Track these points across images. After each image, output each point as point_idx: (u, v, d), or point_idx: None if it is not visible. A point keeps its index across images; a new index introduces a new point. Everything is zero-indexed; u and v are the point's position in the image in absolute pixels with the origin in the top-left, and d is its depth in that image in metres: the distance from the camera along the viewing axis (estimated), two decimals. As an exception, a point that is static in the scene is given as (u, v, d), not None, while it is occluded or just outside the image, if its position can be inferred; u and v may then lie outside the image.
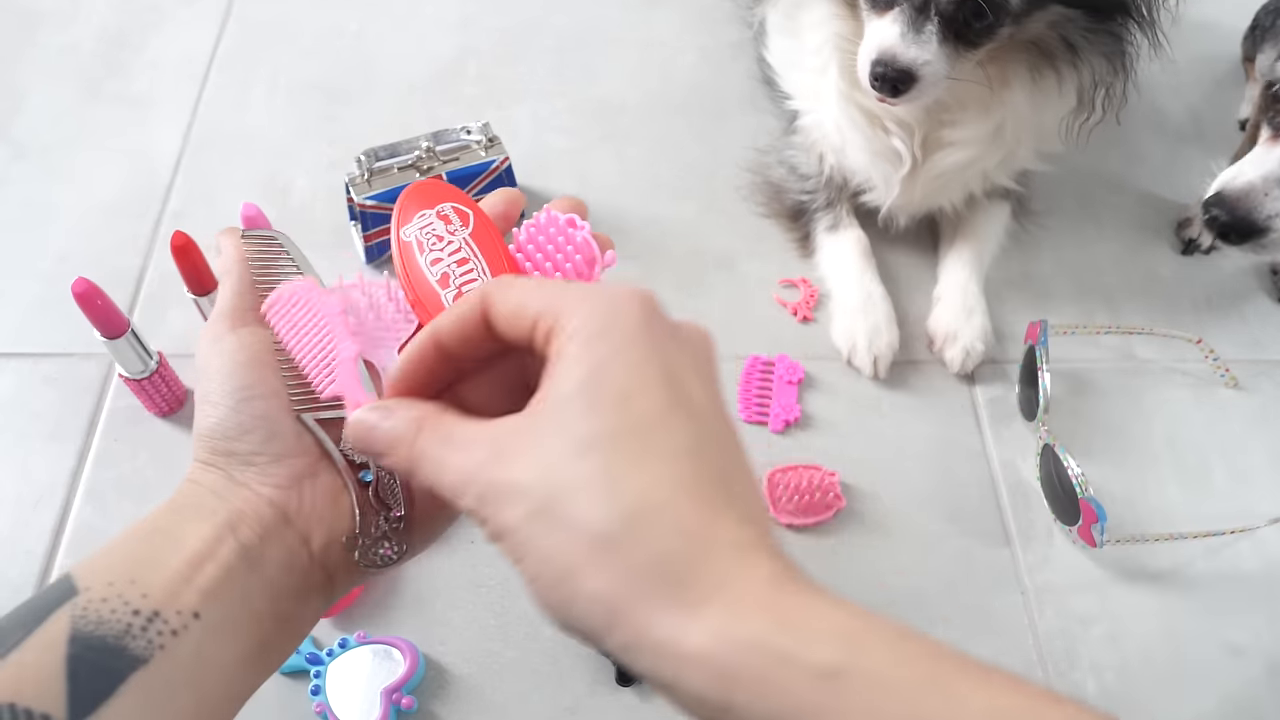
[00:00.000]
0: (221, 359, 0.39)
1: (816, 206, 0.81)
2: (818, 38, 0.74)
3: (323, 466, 0.39)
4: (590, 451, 0.27)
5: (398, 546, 0.39)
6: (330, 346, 0.41)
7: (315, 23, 0.98)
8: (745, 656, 0.25)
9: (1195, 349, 0.76)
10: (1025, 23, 0.64)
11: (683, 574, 0.26)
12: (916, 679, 0.25)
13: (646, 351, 0.29)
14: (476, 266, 0.44)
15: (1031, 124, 0.72)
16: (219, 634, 0.34)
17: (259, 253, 0.43)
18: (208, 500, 0.36)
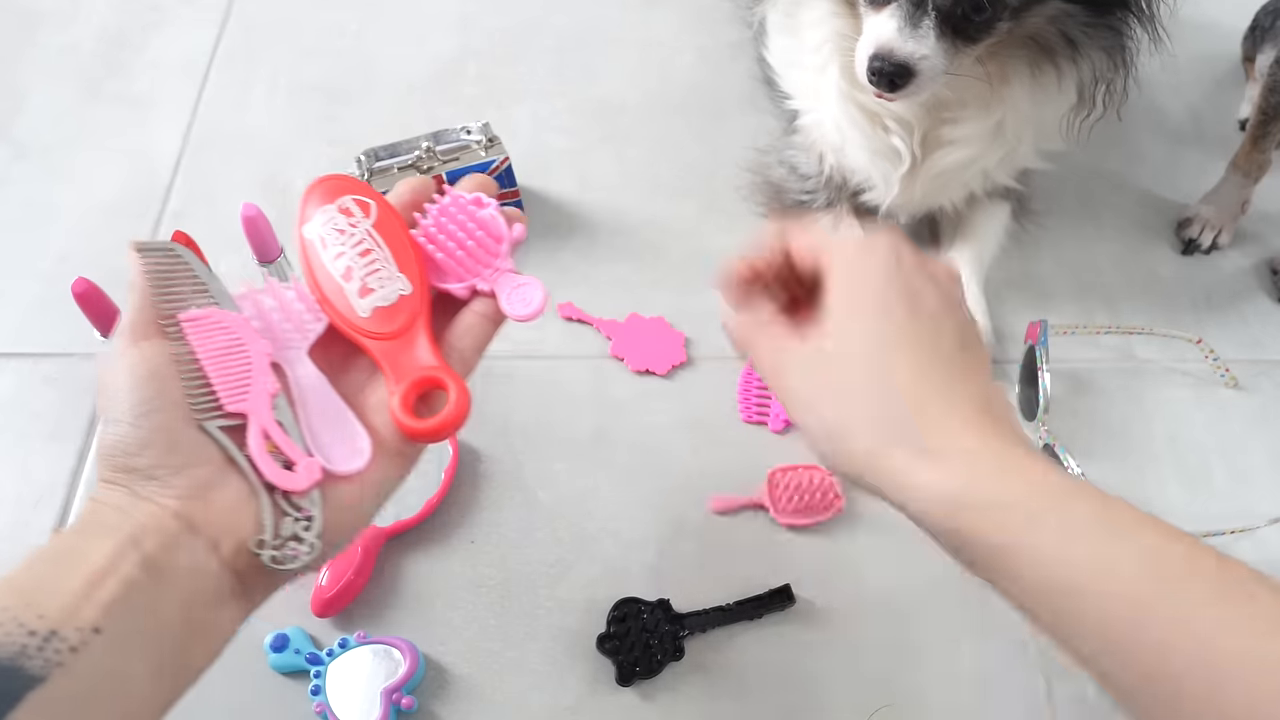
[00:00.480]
0: (122, 374, 0.39)
1: (817, 206, 0.81)
2: (817, 36, 0.74)
3: (229, 473, 0.39)
4: (851, 364, 0.41)
5: (309, 547, 0.39)
6: (241, 360, 0.41)
7: (315, 23, 0.98)
8: (981, 482, 0.37)
9: (1195, 349, 0.76)
10: (1024, 18, 0.64)
11: (930, 436, 0.38)
12: (1104, 522, 0.35)
13: (889, 278, 0.41)
14: (380, 256, 0.44)
15: (1032, 121, 0.72)
16: (124, 647, 0.34)
17: (157, 266, 0.43)
18: (110, 517, 0.37)
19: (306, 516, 0.39)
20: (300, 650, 0.60)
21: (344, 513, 0.41)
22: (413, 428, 0.41)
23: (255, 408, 0.40)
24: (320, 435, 0.42)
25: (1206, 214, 0.83)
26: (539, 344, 0.76)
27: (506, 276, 0.46)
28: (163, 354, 0.40)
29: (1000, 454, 0.37)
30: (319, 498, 0.40)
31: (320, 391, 0.43)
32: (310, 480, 0.40)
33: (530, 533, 0.67)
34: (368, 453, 0.42)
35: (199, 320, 0.42)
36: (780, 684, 0.61)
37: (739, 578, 0.64)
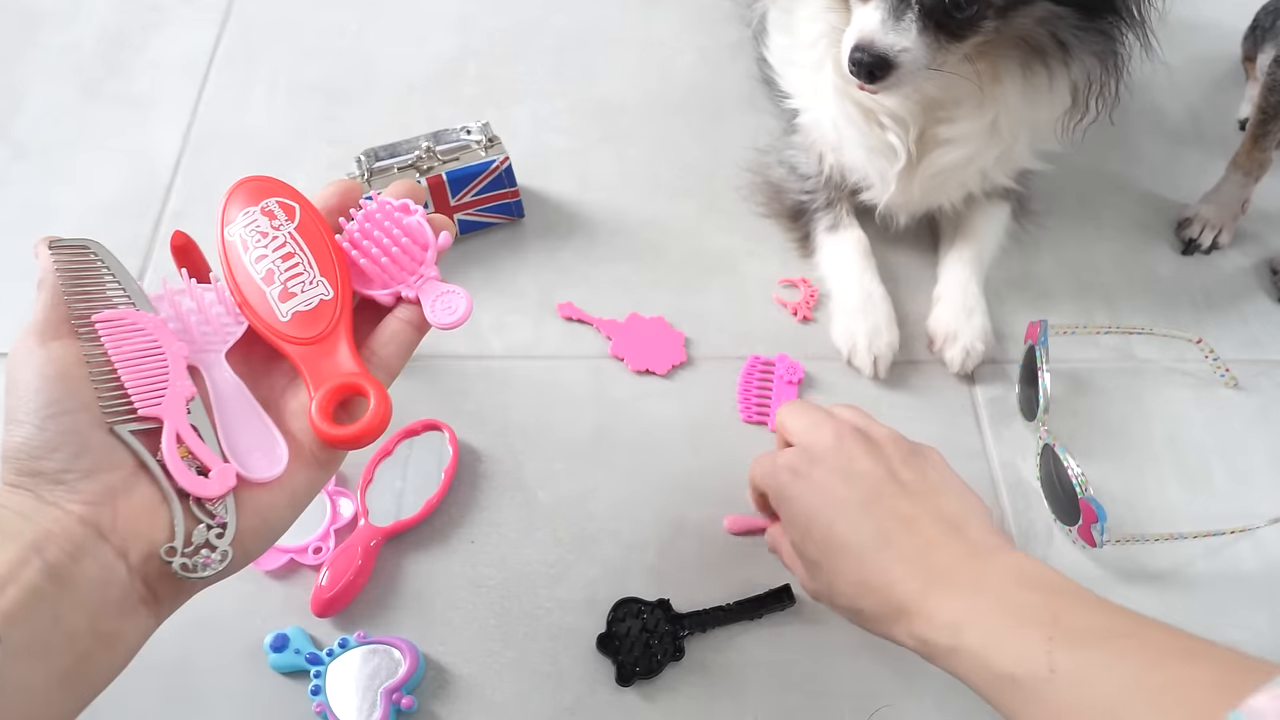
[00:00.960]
0: (29, 374, 0.38)
1: (816, 206, 0.81)
2: (812, 31, 0.74)
3: (140, 479, 0.38)
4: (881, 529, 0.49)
5: (221, 554, 0.38)
6: (156, 362, 0.40)
7: (315, 23, 0.98)
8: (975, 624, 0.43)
9: (1195, 349, 0.76)
10: (1011, 18, 0.64)
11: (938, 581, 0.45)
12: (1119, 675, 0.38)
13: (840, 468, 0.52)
14: (302, 260, 0.44)
15: (1026, 121, 0.72)
16: (24, 657, 0.33)
17: (70, 263, 0.42)
18: (12, 523, 0.35)
19: (220, 524, 0.39)
20: (300, 650, 0.60)
21: (259, 520, 0.40)
22: (331, 434, 0.41)
23: (170, 412, 0.40)
24: (236, 441, 0.41)
25: (1206, 214, 0.83)
26: (539, 344, 0.76)
27: (431, 284, 0.45)
28: (73, 354, 0.39)
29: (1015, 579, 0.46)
30: (233, 505, 0.39)
31: (238, 396, 0.42)
32: (224, 487, 0.39)
33: (530, 533, 0.67)
34: (284, 460, 0.41)
35: (113, 321, 0.41)
36: (780, 684, 0.61)
37: (739, 578, 0.64)
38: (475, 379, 0.74)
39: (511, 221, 0.83)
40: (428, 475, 0.68)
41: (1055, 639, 0.39)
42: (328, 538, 0.65)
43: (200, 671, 0.61)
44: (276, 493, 0.41)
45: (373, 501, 0.66)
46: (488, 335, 0.76)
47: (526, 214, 0.83)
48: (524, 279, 0.80)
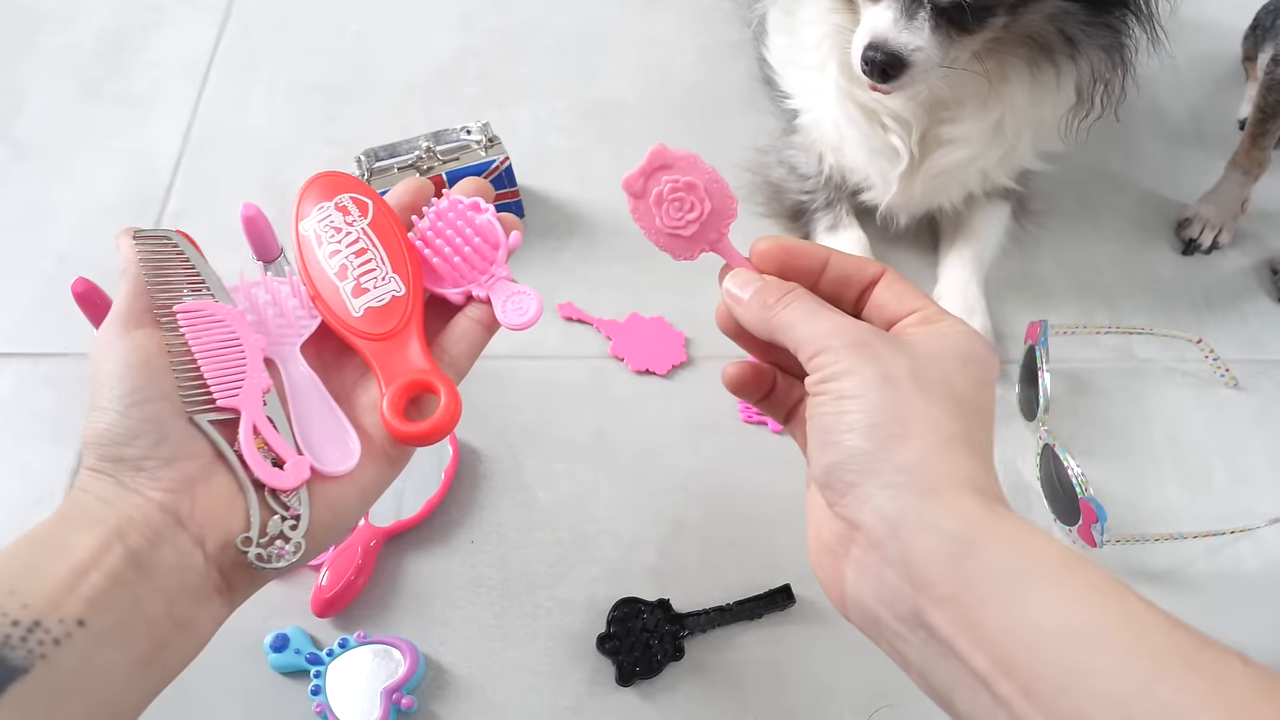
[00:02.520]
0: (113, 362, 0.39)
1: (816, 206, 0.81)
2: (815, 33, 0.74)
3: (217, 468, 0.39)
4: (953, 388, 0.35)
5: (295, 546, 0.39)
6: (234, 354, 0.41)
7: (315, 23, 0.98)
8: (1002, 522, 0.32)
9: (1195, 349, 0.76)
10: (1021, 14, 0.64)
11: (978, 477, 0.33)
12: (1100, 585, 0.30)
13: (991, 379, 0.37)
14: (375, 256, 0.44)
15: (1031, 120, 0.72)
16: (107, 641, 0.34)
17: (152, 253, 0.42)
18: (95, 508, 0.36)
19: (294, 516, 0.39)
20: (300, 650, 0.60)
21: (330, 513, 0.40)
22: (402, 431, 0.41)
23: (247, 403, 0.40)
24: (310, 434, 0.41)
25: (1206, 214, 0.83)
26: (539, 344, 0.76)
27: (502, 284, 0.45)
28: (155, 343, 0.40)
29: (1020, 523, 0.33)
30: (306, 497, 0.40)
31: (312, 390, 0.43)
32: (299, 479, 0.40)
33: (530, 533, 0.67)
34: (357, 454, 0.41)
35: (194, 312, 0.41)
36: (780, 684, 0.61)
37: (739, 578, 0.64)
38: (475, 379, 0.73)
39: (511, 221, 0.83)
40: (428, 475, 0.68)
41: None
42: (328, 538, 0.65)
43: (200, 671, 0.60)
44: (347, 486, 0.41)
45: (373, 501, 0.66)
46: (488, 335, 0.76)
47: (526, 214, 0.83)
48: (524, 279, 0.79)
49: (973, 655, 0.30)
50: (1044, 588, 0.30)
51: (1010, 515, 0.32)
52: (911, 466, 0.33)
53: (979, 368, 0.37)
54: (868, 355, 0.35)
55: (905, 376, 0.35)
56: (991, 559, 0.31)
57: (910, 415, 0.34)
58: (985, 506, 0.32)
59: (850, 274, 0.41)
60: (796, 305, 0.39)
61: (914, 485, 0.33)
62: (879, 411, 0.34)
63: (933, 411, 0.34)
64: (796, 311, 0.38)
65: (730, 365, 0.44)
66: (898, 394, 0.34)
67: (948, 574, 0.31)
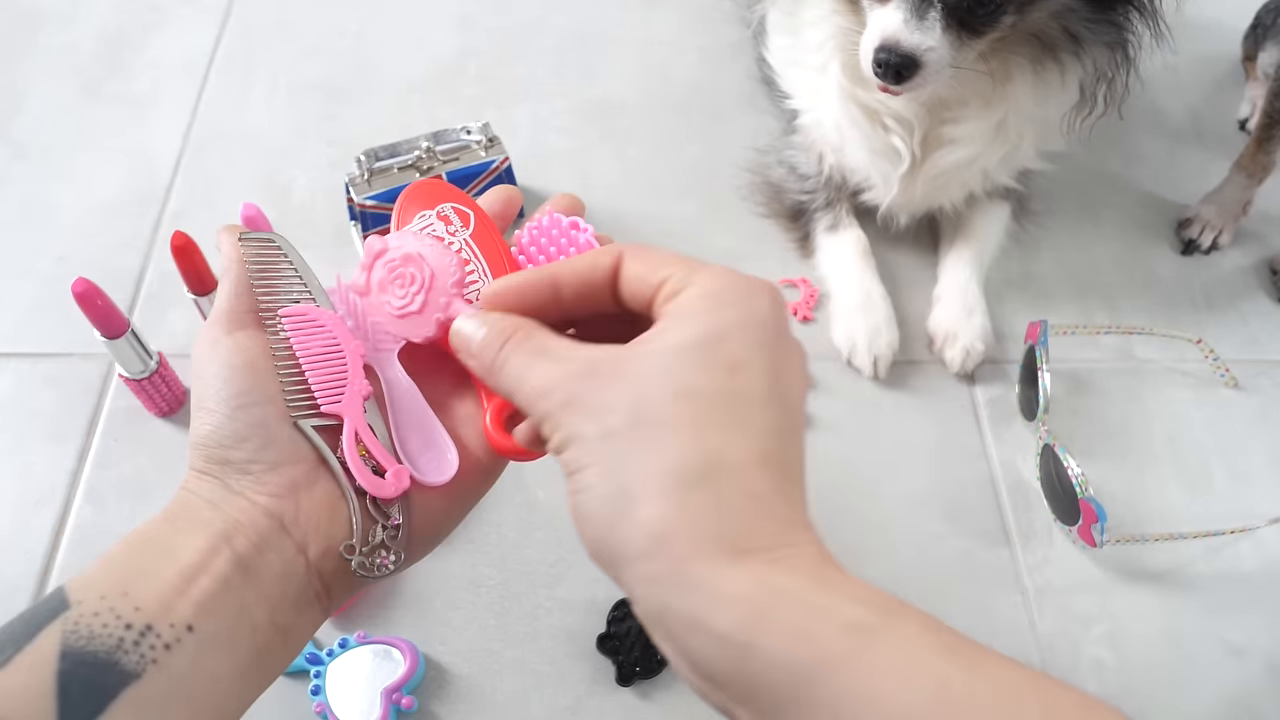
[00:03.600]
0: (218, 364, 0.38)
1: (816, 206, 0.81)
2: (818, 35, 0.74)
3: (320, 474, 0.38)
4: (690, 398, 0.29)
5: (395, 555, 0.38)
6: (336, 359, 0.41)
7: (315, 23, 0.98)
8: (780, 601, 0.26)
9: (1195, 349, 0.76)
10: (1028, 11, 0.64)
11: (738, 528, 0.28)
12: (940, 646, 0.26)
13: (764, 336, 0.31)
14: (478, 268, 0.44)
15: (1034, 119, 0.72)
16: (214, 647, 0.34)
17: (257, 255, 0.42)
18: (203, 510, 0.36)
19: (395, 525, 0.39)
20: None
21: (425, 524, 0.40)
22: (505, 445, 0.40)
23: (349, 409, 0.40)
24: (408, 442, 0.41)
25: (1207, 214, 0.83)
26: (539, 344, 0.76)
27: None
28: (259, 345, 0.39)
29: (816, 560, 0.28)
30: (404, 507, 0.39)
31: (410, 398, 0.42)
32: (399, 488, 0.39)
33: (530, 533, 0.67)
34: (455, 464, 0.40)
35: (298, 316, 0.41)
36: (780, 684, 0.61)
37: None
38: (475, 379, 0.74)
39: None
40: (428, 475, 0.68)
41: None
42: (328, 538, 0.65)
43: (200, 671, 0.61)
44: (444, 497, 0.40)
45: (373, 501, 0.66)
46: (488, 335, 0.76)
47: (526, 214, 0.83)
48: (524, 279, 0.80)
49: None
50: (835, 686, 0.25)
51: (786, 579, 0.27)
52: (651, 547, 0.27)
53: (735, 341, 0.30)
54: (580, 412, 0.30)
55: (624, 421, 0.29)
56: (771, 658, 0.26)
57: (634, 472, 0.28)
58: (753, 581, 0.27)
59: (587, 276, 0.35)
60: (519, 351, 0.33)
61: (665, 575, 0.27)
62: (605, 481, 0.29)
63: (659, 455, 0.28)
64: (520, 359, 0.33)
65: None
66: (618, 449, 0.29)
67: (733, 679, 0.27)
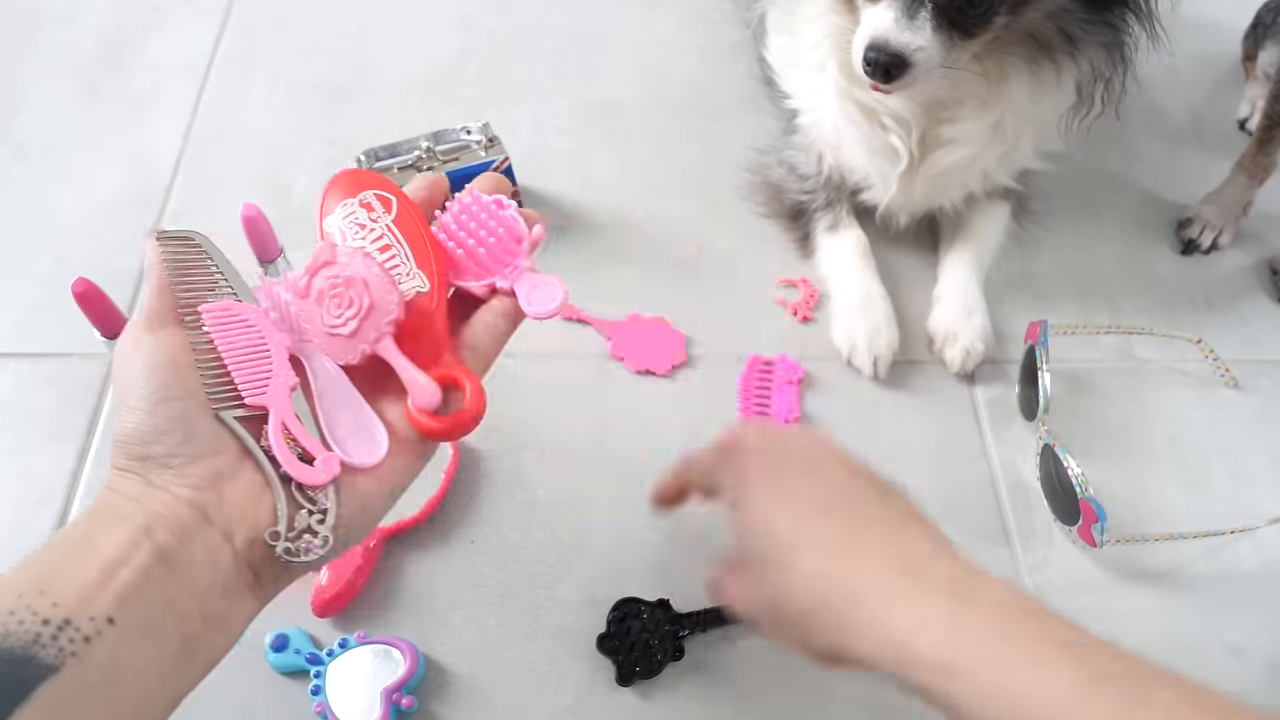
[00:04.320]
0: (139, 363, 0.39)
1: (816, 206, 0.81)
2: (815, 33, 0.74)
3: (244, 465, 0.39)
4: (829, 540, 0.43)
5: (323, 540, 0.39)
6: (260, 352, 0.41)
7: (315, 23, 0.98)
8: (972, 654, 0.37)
9: (1195, 349, 0.76)
10: (1021, 12, 0.64)
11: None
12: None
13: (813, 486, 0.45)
14: (399, 252, 0.44)
15: (1031, 119, 0.72)
16: (137, 638, 0.34)
17: (175, 254, 0.43)
18: (124, 506, 0.36)
19: (321, 510, 0.39)
20: (300, 650, 0.60)
21: (357, 506, 0.41)
22: (428, 425, 0.42)
23: (275, 400, 0.41)
24: (336, 428, 0.42)
25: (1208, 214, 0.83)
26: (539, 344, 0.76)
27: (526, 275, 0.45)
28: (180, 342, 0.40)
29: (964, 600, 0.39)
30: (333, 492, 0.40)
31: (337, 385, 0.43)
32: (329, 474, 0.40)
33: (530, 533, 0.67)
34: (385, 445, 0.42)
35: (218, 311, 0.42)
36: (780, 684, 0.61)
37: (739, 578, 0.64)
38: (475, 379, 0.74)
39: (511, 221, 0.83)
40: (428, 475, 0.67)
41: (1077, 664, 0.37)
42: (328, 538, 0.65)
43: (200, 671, 0.61)
44: (374, 479, 0.42)
45: (373, 501, 0.66)
46: (488, 335, 0.76)
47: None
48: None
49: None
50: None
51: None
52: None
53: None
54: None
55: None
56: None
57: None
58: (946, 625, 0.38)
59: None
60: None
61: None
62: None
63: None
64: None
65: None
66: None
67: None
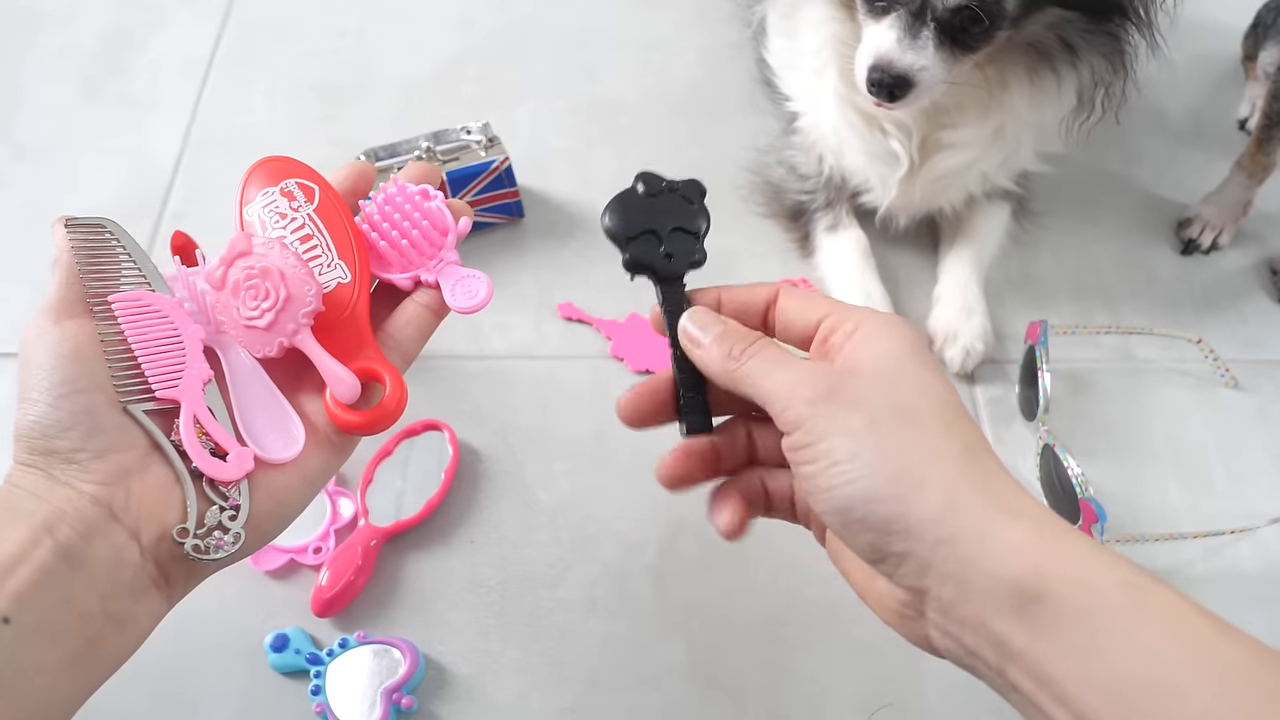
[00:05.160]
0: (43, 353, 0.38)
1: (816, 206, 0.81)
2: (816, 39, 0.74)
3: (153, 460, 0.38)
4: (927, 396, 0.35)
5: (234, 537, 0.38)
6: (172, 344, 0.40)
7: (315, 23, 0.98)
8: (1063, 555, 0.31)
9: (1195, 349, 0.76)
10: (1022, 25, 0.64)
11: (1007, 495, 0.32)
12: (1201, 612, 0.30)
13: (929, 356, 0.36)
14: (320, 242, 0.44)
15: (1031, 125, 0.72)
16: (35, 638, 0.33)
17: (86, 242, 0.42)
18: (24, 502, 0.35)
19: (233, 506, 0.38)
20: (300, 650, 0.60)
21: (273, 503, 0.40)
22: (345, 420, 0.41)
23: (187, 393, 0.39)
24: (253, 422, 0.41)
25: (1207, 214, 0.83)
26: (539, 344, 0.76)
27: (451, 268, 0.45)
28: (87, 333, 0.39)
29: (1070, 526, 0.33)
30: (246, 488, 0.39)
31: (254, 378, 0.42)
32: (243, 470, 0.39)
33: (530, 533, 0.67)
34: (301, 441, 0.41)
35: (129, 301, 0.40)
36: (780, 684, 0.61)
37: (739, 578, 0.65)
38: (475, 379, 0.74)
39: (511, 221, 0.83)
40: (428, 475, 0.68)
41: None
42: (328, 538, 0.65)
43: (200, 671, 0.61)
44: (291, 475, 0.40)
45: (373, 501, 0.66)
46: (488, 335, 0.76)
47: (526, 214, 0.83)
48: (524, 279, 0.80)
49: (1055, 711, 0.29)
50: (1114, 630, 0.29)
51: (1061, 534, 0.31)
52: (945, 515, 0.32)
53: (921, 349, 0.36)
54: (843, 404, 0.34)
55: (886, 412, 0.34)
56: (1056, 604, 0.30)
57: (914, 455, 0.33)
58: (1033, 533, 0.31)
59: (746, 299, 0.41)
60: (761, 356, 0.37)
61: (961, 536, 0.31)
62: (885, 467, 0.32)
63: (927, 437, 0.33)
64: (762, 363, 0.37)
65: (663, 461, 0.42)
66: (890, 437, 0.33)
67: (1017, 628, 0.30)
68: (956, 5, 0.61)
